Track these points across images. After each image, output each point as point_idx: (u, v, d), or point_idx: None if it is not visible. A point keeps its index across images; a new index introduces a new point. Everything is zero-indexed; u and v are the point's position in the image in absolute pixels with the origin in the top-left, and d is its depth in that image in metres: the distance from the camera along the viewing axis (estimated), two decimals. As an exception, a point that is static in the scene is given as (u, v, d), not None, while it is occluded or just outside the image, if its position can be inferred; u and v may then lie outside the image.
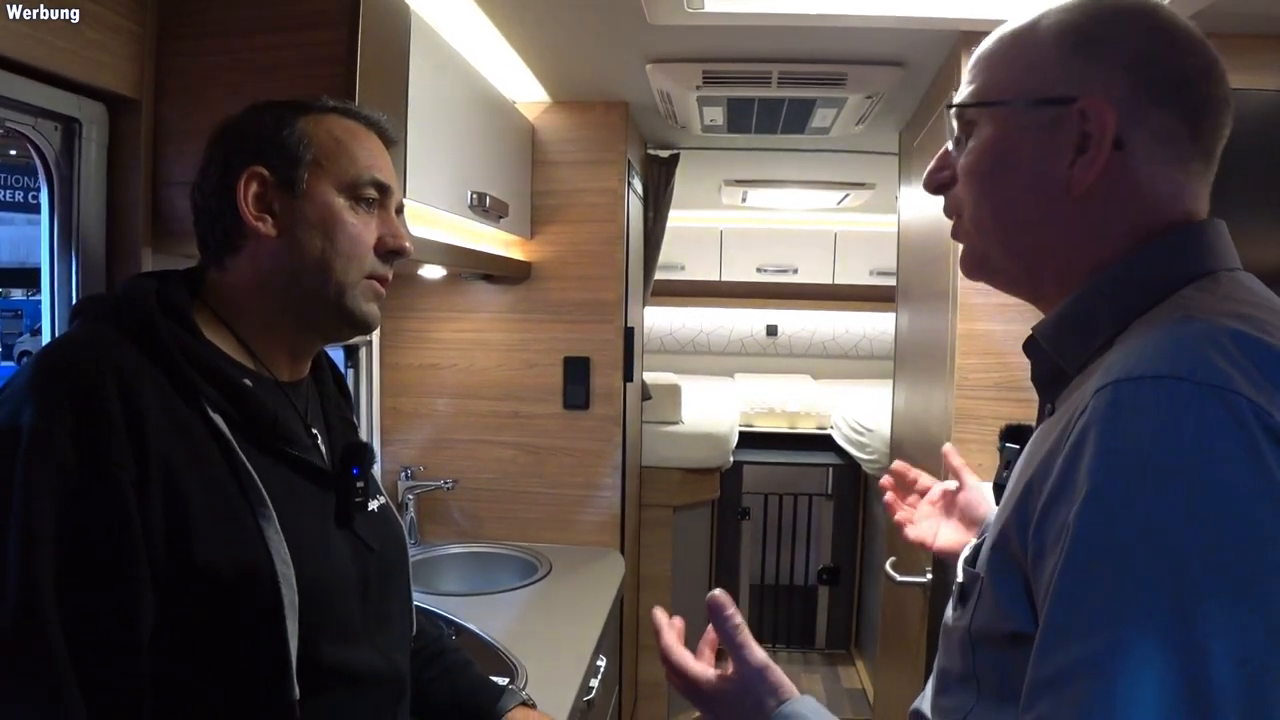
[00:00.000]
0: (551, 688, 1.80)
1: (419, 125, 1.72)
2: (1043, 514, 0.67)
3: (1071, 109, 0.78)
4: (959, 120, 0.87)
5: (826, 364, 5.81)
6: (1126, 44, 0.78)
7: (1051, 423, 0.77)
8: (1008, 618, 0.73)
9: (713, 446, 3.70)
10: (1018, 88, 0.82)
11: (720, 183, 4.20)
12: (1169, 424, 0.61)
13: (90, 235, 1.44)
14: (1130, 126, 0.77)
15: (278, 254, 1.06)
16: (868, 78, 2.38)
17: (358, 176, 1.09)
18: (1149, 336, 0.68)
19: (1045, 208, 0.81)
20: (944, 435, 2.12)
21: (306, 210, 1.06)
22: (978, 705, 0.78)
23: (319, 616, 0.99)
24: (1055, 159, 0.79)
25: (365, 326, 1.12)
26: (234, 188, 1.04)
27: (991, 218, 0.85)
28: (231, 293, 1.08)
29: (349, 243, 1.08)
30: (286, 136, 1.07)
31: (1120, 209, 0.79)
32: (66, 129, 1.40)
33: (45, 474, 0.84)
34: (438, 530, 2.87)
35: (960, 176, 0.87)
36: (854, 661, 4.49)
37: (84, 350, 0.92)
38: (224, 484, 0.95)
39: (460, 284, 2.83)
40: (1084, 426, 0.65)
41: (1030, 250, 0.84)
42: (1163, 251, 0.78)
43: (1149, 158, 0.78)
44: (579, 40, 2.24)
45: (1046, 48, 0.81)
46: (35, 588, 0.83)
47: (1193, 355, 0.63)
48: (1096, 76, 0.78)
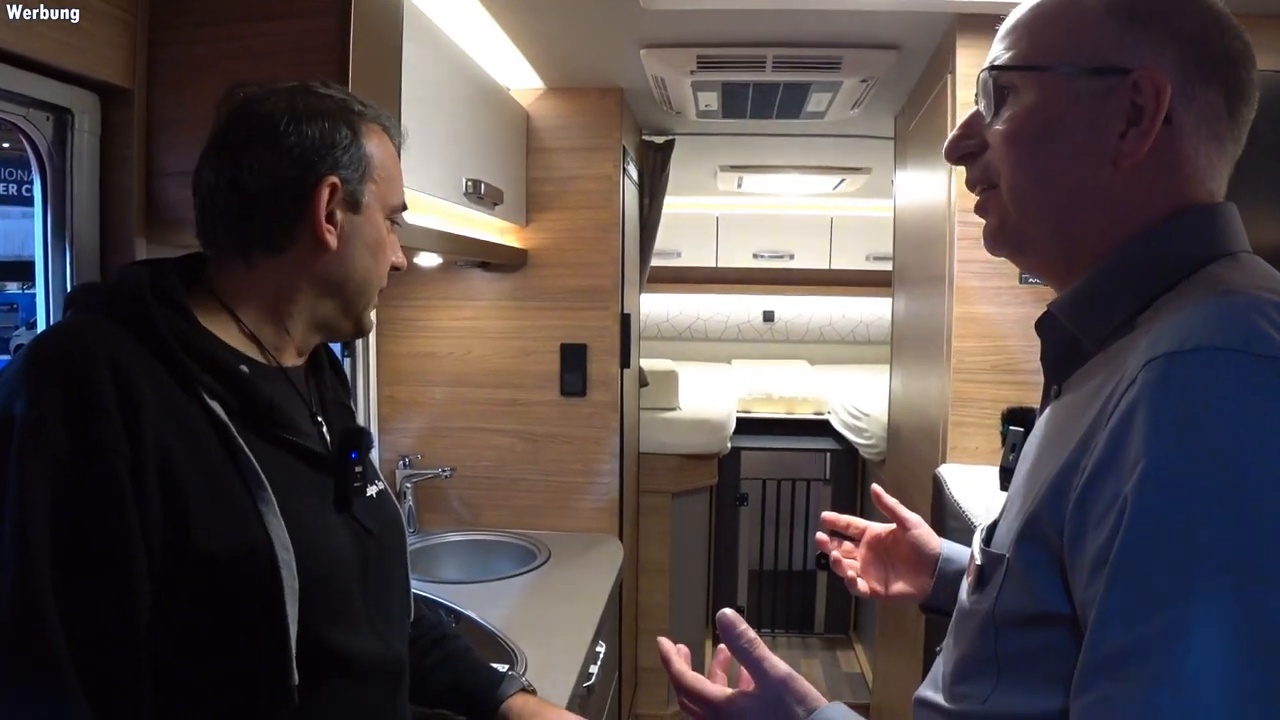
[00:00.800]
0: (551, 674, 1.80)
1: (413, 112, 1.72)
2: (1086, 489, 0.67)
3: (1126, 79, 0.77)
4: (995, 86, 0.85)
5: (823, 349, 5.81)
6: (1179, 20, 0.78)
7: (1074, 403, 0.77)
8: (1038, 599, 0.72)
9: (710, 432, 3.70)
10: (1068, 54, 0.80)
11: (716, 168, 4.19)
12: (1227, 395, 0.61)
13: (84, 225, 1.43)
14: (1181, 101, 0.77)
15: (330, 264, 1.08)
16: (862, 61, 2.37)
17: (399, 203, 1.16)
18: (1194, 309, 0.67)
19: (1091, 179, 0.80)
20: (942, 418, 2.13)
21: (364, 229, 1.10)
22: (998, 689, 0.78)
23: (319, 601, 0.99)
24: (1106, 129, 0.79)
25: (364, 334, 1.21)
26: (311, 193, 1.04)
27: (1034, 185, 0.83)
28: (249, 286, 1.07)
29: (385, 265, 1.15)
30: (359, 153, 1.08)
31: (1162, 184, 0.79)
32: (59, 119, 1.39)
33: (39, 462, 0.84)
34: (436, 518, 2.88)
35: (1000, 142, 0.85)
36: (853, 646, 4.51)
37: (77, 338, 0.92)
38: (222, 469, 0.95)
39: (456, 272, 2.83)
40: (1134, 400, 0.64)
41: (1070, 221, 0.83)
42: (1188, 230, 0.79)
43: (1194, 134, 0.79)
44: (573, 26, 2.24)
45: (1098, 16, 0.80)
46: (32, 576, 0.82)
47: (1244, 326, 0.63)
48: (1150, 49, 0.78)
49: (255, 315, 1.08)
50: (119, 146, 1.46)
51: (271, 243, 1.05)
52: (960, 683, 0.84)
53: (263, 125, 1.04)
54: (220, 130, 1.07)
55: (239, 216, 1.05)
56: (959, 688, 0.84)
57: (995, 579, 0.79)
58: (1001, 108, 0.84)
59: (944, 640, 0.93)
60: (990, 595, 0.79)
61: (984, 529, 0.87)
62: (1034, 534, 0.73)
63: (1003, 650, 0.78)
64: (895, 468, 3.02)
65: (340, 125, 1.07)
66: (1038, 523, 0.73)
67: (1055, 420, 0.81)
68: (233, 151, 1.04)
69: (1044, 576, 0.72)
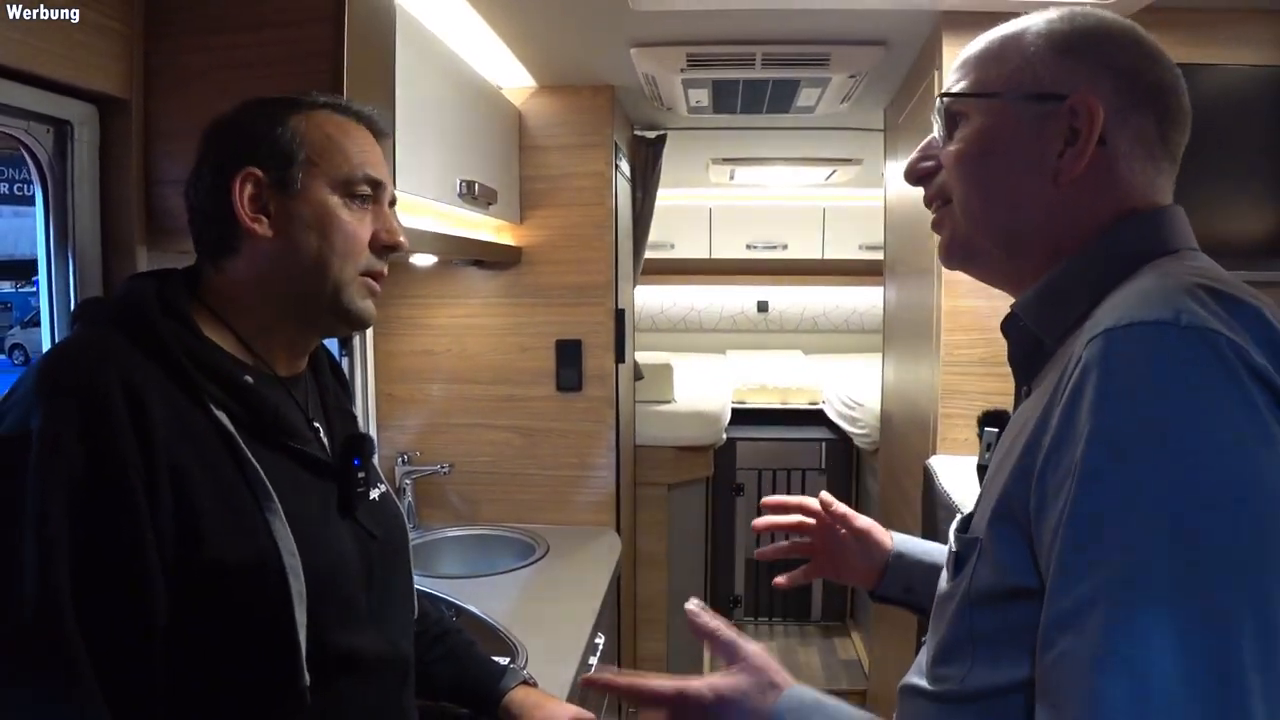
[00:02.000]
0: (551, 666, 1.83)
1: (407, 116, 1.74)
2: (1046, 461, 0.72)
3: (1064, 105, 0.85)
4: (948, 113, 0.93)
5: (817, 339, 5.84)
6: (1112, 53, 0.86)
7: (1038, 394, 0.82)
8: (1009, 573, 0.77)
9: (706, 424, 3.73)
10: (1011, 83, 0.88)
11: (708, 161, 4.21)
12: (1160, 363, 0.67)
13: (85, 235, 1.46)
14: (1113, 125, 0.85)
15: (275, 254, 1.07)
16: (851, 58, 2.40)
17: (351, 174, 1.10)
18: (1131, 291, 0.75)
19: (1033, 193, 0.87)
20: (931, 409, 2.16)
21: (302, 210, 1.07)
22: (974, 667, 0.82)
23: (326, 605, 1.02)
24: (1046, 149, 0.86)
25: (361, 323, 1.14)
26: (228, 189, 1.05)
27: (981, 200, 0.91)
28: (230, 292, 1.09)
29: (345, 241, 1.09)
30: (279, 135, 1.07)
31: (1099, 198, 0.86)
32: (58, 131, 1.42)
33: (57, 476, 0.86)
34: (435, 514, 2.91)
35: (951, 162, 0.92)
36: (849, 634, 4.55)
37: (87, 354, 0.94)
38: (230, 479, 0.97)
39: (452, 270, 2.85)
40: (1080, 375, 0.70)
41: (1014, 233, 0.90)
42: (1135, 231, 0.85)
43: (1127, 154, 0.86)
44: (563, 26, 2.26)
45: (1039, 49, 0.88)
46: (52, 586, 0.85)
47: (1176, 302, 0.69)
48: (1086, 78, 0.85)
49: (245, 323, 1.10)
50: (118, 156, 1.48)
51: (227, 245, 1.08)
52: (940, 665, 0.87)
53: (202, 146, 1.11)
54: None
55: (198, 228, 1.10)
56: (939, 669, 0.87)
57: (970, 562, 0.83)
58: (954, 131, 0.93)
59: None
60: (965, 577, 0.84)
61: (959, 520, 0.91)
62: (1005, 512, 0.78)
63: (977, 629, 0.82)
64: (888, 457, 3.06)
65: (256, 120, 1.09)
66: (1008, 501, 0.78)
67: (1022, 412, 0.86)
68: (190, 179, 1.11)
69: (1014, 552, 0.77)
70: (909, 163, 0.99)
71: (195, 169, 1.10)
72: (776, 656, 0.99)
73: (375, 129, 1.18)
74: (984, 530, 0.81)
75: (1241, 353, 0.66)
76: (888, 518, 2.92)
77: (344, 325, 1.15)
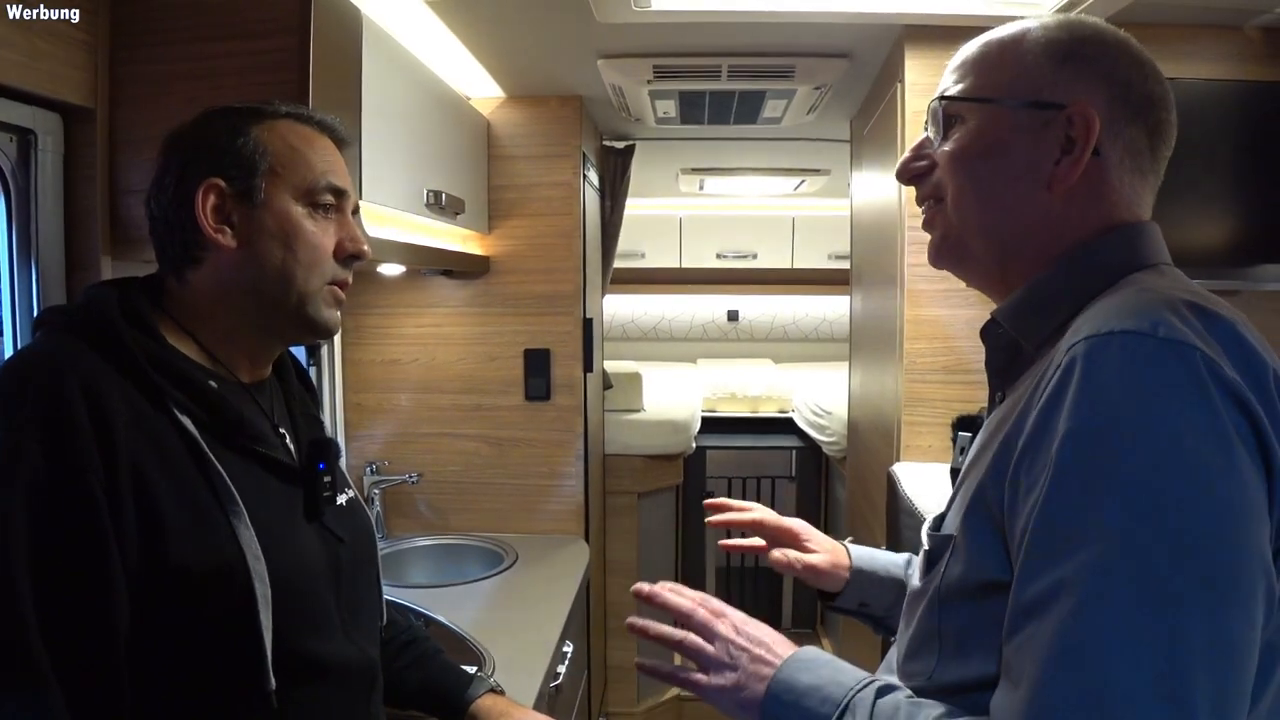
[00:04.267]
0: (519, 674, 1.84)
1: (373, 127, 1.75)
2: (1020, 459, 0.76)
3: (1062, 114, 0.88)
4: (945, 114, 0.95)
5: (787, 348, 5.87)
6: (1109, 65, 0.89)
7: (1014, 398, 0.85)
8: (981, 568, 0.80)
9: (675, 433, 3.74)
10: (1011, 89, 0.91)
11: (677, 171, 4.23)
12: (1135, 372, 0.70)
13: (49, 245, 1.45)
14: (1108, 136, 0.88)
15: (239, 265, 1.08)
16: (815, 70, 2.43)
17: (314, 183, 1.11)
18: (1112, 302, 0.78)
19: (1027, 199, 0.90)
20: (895, 417, 2.19)
21: (266, 220, 1.08)
22: (941, 663, 0.85)
23: (292, 609, 1.03)
24: (1043, 156, 0.89)
25: (326, 332, 1.15)
26: (191, 200, 1.05)
27: (975, 201, 0.93)
28: (192, 301, 1.09)
29: (309, 251, 1.10)
30: (241, 146, 1.08)
31: (1090, 207, 0.89)
32: (22, 140, 1.41)
33: (17, 483, 0.86)
34: (404, 524, 2.90)
35: (947, 162, 0.94)
36: (820, 639, 4.56)
37: (48, 360, 0.94)
38: (194, 484, 0.97)
39: (419, 279, 2.85)
40: (1059, 379, 0.74)
41: (1006, 236, 0.92)
42: (1119, 244, 0.88)
43: (1119, 166, 0.89)
44: (530, 38, 2.27)
45: (1038, 57, 0.90)
46: (13, 594, 0.85)
47: (1154, 315, 0.72)
48: (1084, 89, 0.88)
49: (208, 332, 1.10)
50: (82, 165, 1.48)
51: (190, 257, 1.08)
52: (909, 660, 0.91)
53: (162, 156, 1.10)
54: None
55: (160, 239, 1.10)
56: (908, 665, 0.91)
57: (943, 558, 0.86)
58: (950, 132, 0.95)
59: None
60: (937, 575, 0.86)
61: (933, 519, 0.94)
62: (978, 508, 0.81)
63: (945, 625, 0.85)
64: (855, 464, 3.08)
65: (218, 130, 1.09)
66: (982, 497, 0.81)
67: (999, 415, 0.89)
68: (150, 189, 1.10)
69: (987, 546, 0.80)
70: (902, 161, 1.00)
71: (156, 179, 1.10)
72: None
73: (337, 138, 1.18)
74: (957, 526, 0.84)
75: (1214, 367, 0.69)
76: (855, 524, 2.94)
77: (309, 335, 1.16)
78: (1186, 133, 2.08)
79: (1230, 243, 2.04)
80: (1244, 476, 0.68)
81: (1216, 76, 2.03)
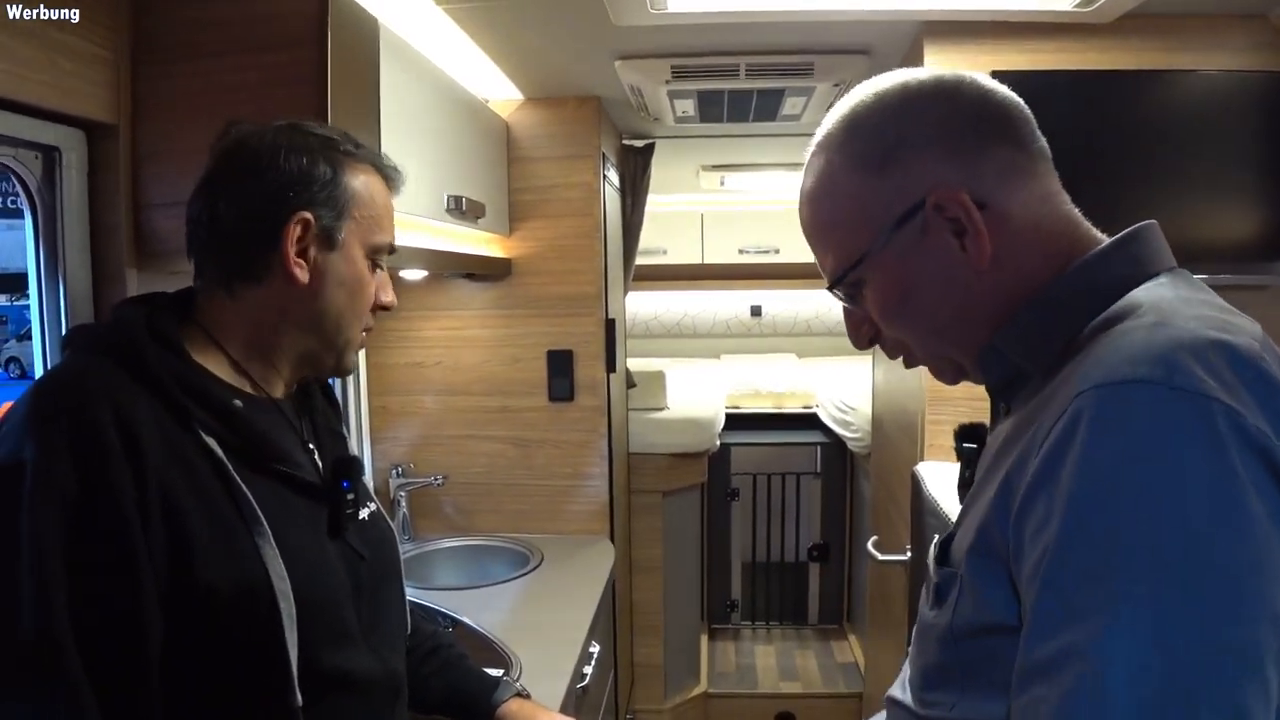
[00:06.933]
0: (545, 677, 1.85)
1: (393, 135, 1.75)
2: (1022, 507, 0.72)
3: (925, 209, 0.83)
4: (846, 293, 0.91)
5: (811, 342, 5.85)
6: (916, 133, 0.84)
7: (1019, 422, 0.82)
8: (991, 611, 0.77)
9: (699, 431, 3.74)
10: (868, 229, 0.86)
11: (698, 168, 4.23)
12: (1148, 427, 0.66)
13: (75, 259, 1.47)
14: (976, 185, 0.83)
15: (301, 300, 1.09)
16: (834, 67, 2.42)
17: (382, 243, 1.16)
18: (1124, 341, 0.72)
19: (968, 294, 0.85)
20: (919, 415, 2.18)
21: (340, 266, 1.11)
22: (964, 698, 0.83)
23: (317, 626, 1.04)
24: (947, 252, 0.84)
25: (346, 374, 1.21)
26: (280, 225, 1.06)
27: (930, 331, 0.89)
28: (231, 317, 1.10)
29: (364, 303, 1.15)
30: (338, 188, 1.10)
31: (1025, 247, 0.84)
32: (47, 157, 1.43)
33: (51, 505, 0.88)
34: (430, 525, 2.92)
35: (883, 321, 0.91)
36: (846, 636, 4.56)
37: (78, 383, 0.95)
38: (220, 505, 0.99)
39: (442, 282, 2.87)
40: (1066, 427, 0.69)
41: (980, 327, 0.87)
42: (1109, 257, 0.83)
43: (1008, 194, 0.84)
44: (547, 42, 2.28)
45: (859, 185, 0.86)
46: (50, 614, 0.86)
47: (1168, 360, 0.67)
48: (918, 170, 0.84)
49: (242, 348, 1.11)
50: (107, 180, 1.50)
51: (250, 273, 1.08)
52: (928, 690, 0.89)
53: (243, 160, 1.09)
54: (209, 166, 1.11)
55: (219, 248, 1.09)
56: (928, 695, 0.89)
57: (951, 595, 0.83)
58: (862, 300, 0.91)
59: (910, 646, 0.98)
60: (948, 610, 0.84)
61: (937, 545, 0.91)
62: (982, 550, 0.78)
63: (964, 659, 0.82)
64: (879, 461, 3.07)
65: (319, 162, 1.09)
66: (985, 540, 0.78)
67: (1002, 441, 0.85)
68: (215, 185, 1.09)
69: (995, 590, 0.77)
70: (852, 338, 0.97)
71: (231, 184, 1.09)
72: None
73: (395, 186, 1.21)
74: (963, 564, 0.81)
75: (1234, 418, 0.65)
76: (880, 522, 2.94)
77: (333, 374, 1.22)
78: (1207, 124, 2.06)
79: (1257, 237, 2.02)
80: (1259, 540, 0.63)
81: (1242, 67, 2.00)
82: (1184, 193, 1.96)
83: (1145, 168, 1.96)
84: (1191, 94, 1.99)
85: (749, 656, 4.39)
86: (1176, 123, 1.98)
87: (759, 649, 4.48)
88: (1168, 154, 1.97)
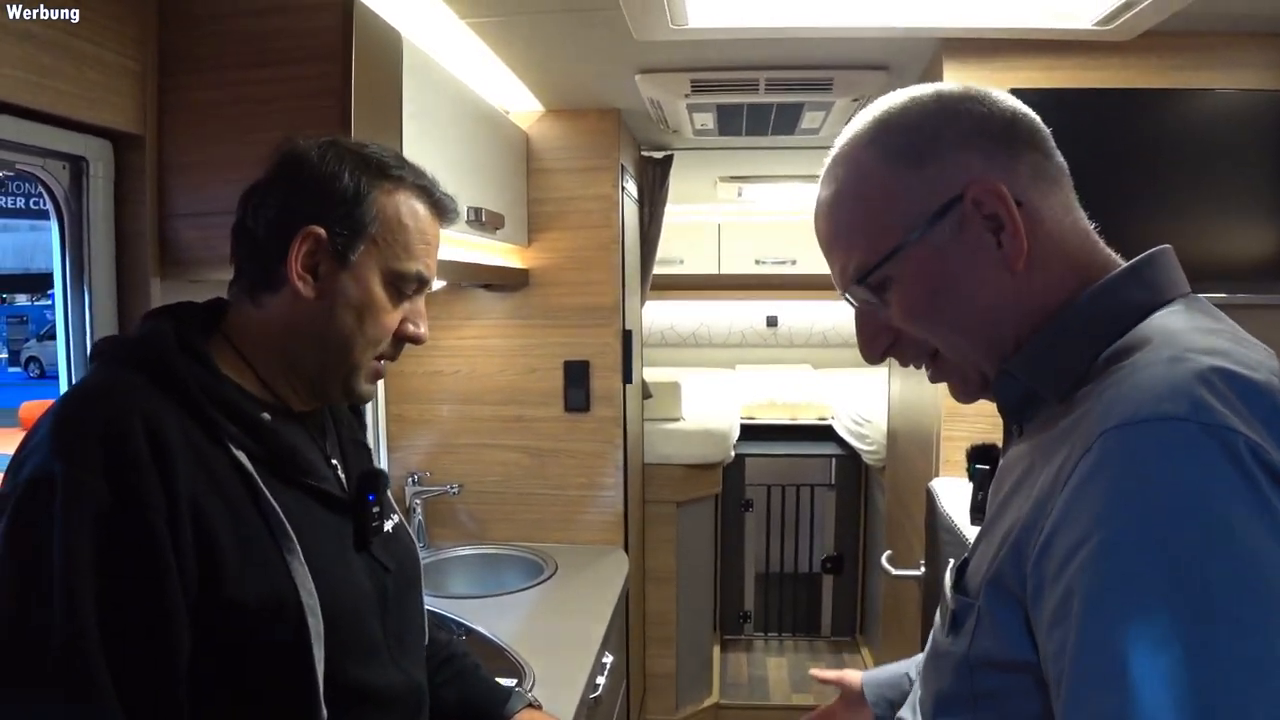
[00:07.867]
0: (558, 687, 1.85)
1: (414, 147, 1.76)
2: (1042, 550, 0.70)
3: (964, 202, 0.82)
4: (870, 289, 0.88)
5: (827, 353, 5.85)
6: (950, 128, 0.84)
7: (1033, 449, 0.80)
8: (1010, 647, 0.76)
9: (714, 442, 3.75)
10: (901, 225, 0.84)
11: (715, 179, 4.23)
12: (1175, 466, 0.64)
13: (100, 267, 1.49)
14: (1013, 183, 0.82)
15: (309, 314, 1.08)
16: (853, 82, 2.43)
17: (405, 271, 1.11)
18: (1143, 376, 0.70)
19: (1000, 295, 0.83)
20: (934, 430, 2.18)
21: (349, 286, 1.08)
22: None
23: (342, 640, 1.04)
24: (983, 250, 0.83)
25: (360, 402, 1.18)
26: (288, 236, 1.06)
27: (962, 334, 0.86)
28: (256, 329, 1.10)
29: (376, 329, 1.11)
30: (359, 208, 1.07)
31: (1054, 253, 0.83)
32: (74, 167, 1.45)
33: (82, 517, 0.88)
34: (445, 533, 2.94)
35: (910, 323, 0.87)
36: (859, 649, 4.54)
37: (107, 396, 0.96)
38: (250, 519, 0.99)
39: (460, 292, 2.88)
40: (1090, 470, 0.67)
41: (1008, 336, 0.85)
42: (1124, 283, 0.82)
43: (1041, 197, 0.83)
44: (568, 55, 2.29)
45: (892, 179, 0.85)
46: (80, 626, 0.87)
47: (1190, 396, 0.66)
48: (956, 164, 0.83)
49: (267, 361, 1.11)
50: (133, 191, 1.52)
51: (269, 282, 1.08)
52: (939, 716, 0.88)
53: (277, 170, 1.10)
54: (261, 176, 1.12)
55: (247, 254, 1.11)
56: None
57: (968, 624, 0.82)
58: (888, 298, 0.88)
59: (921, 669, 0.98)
60: (965, 639, 0.83)
61: (953, 570, 0.90)
62: (1000, 585, 0.77)
63: (979, 690, 0.82)
64: (894, 475, 3.07)
65: (344, 178, 1.08)
66: (1002, 577, 0.77)
67: (1018, 466, 0.83)
68: (253, 192, 1.10)
69: (1012, 627, 0.75)
70: (863, 347, 0.93)
71: (262, 194, 1.10)
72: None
73: (445, 215, 1.19)
74: (980, 595, 0.80)
75: (1259, 452, 0.64)
76: (894, 536, 2.93)
77: (346, 399, 1.18)
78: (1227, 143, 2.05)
79: (1274, 256, 2.00)
80: None
81: (1262, 86, 2.00)
82: (1200, 211, 1.96)
83: (1162, 185, 1.96)
84: (1208, 112, 1.99)
85: (761, 668, 4.39)
86: (1193, 141, 1.98)
87: (771, 660, 4.48)
88: (1184, 172, 1.96)
